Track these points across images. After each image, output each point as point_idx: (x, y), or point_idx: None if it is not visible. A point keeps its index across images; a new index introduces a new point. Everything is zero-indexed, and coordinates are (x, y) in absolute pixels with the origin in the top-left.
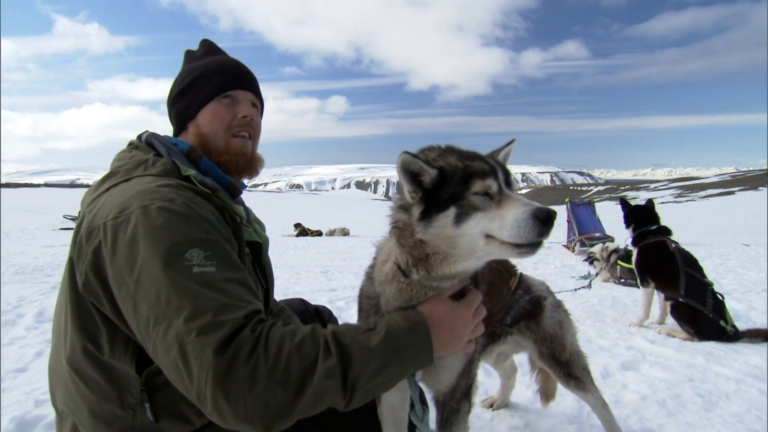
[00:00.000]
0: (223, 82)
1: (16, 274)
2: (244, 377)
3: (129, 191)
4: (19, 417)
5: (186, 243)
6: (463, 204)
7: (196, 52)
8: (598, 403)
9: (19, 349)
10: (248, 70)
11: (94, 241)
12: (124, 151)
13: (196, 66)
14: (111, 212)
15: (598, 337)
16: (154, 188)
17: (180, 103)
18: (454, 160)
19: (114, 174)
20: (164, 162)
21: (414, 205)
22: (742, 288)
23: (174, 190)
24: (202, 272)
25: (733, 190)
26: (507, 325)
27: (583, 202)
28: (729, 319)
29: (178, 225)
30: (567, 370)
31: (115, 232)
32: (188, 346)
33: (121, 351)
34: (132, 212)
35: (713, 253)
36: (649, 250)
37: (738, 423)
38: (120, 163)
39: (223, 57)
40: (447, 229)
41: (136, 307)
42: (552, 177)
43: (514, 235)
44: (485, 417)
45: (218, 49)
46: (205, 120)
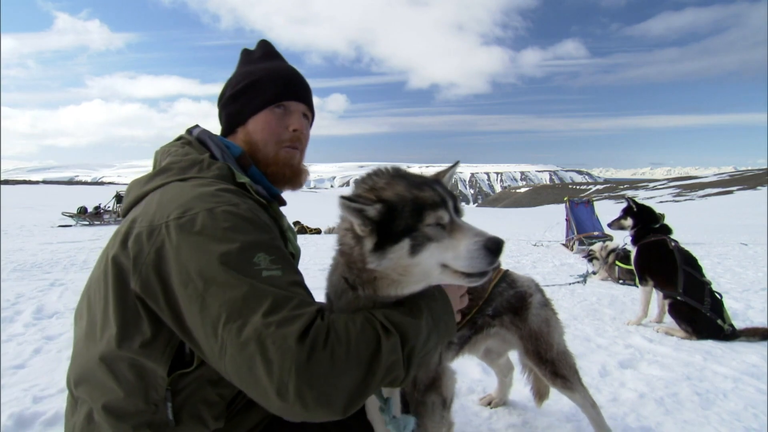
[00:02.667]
0: (278, 92)
1: (14, 271)
2: (324, 362)
3: (189, 192)
4: (17, 413)
5: (254, 247)
6: (417, 236)
7: (254, 53)
8: (587, 403)
9: (17, 346)
10: (303, 79)
11: (157, 240)
12: (175, 146)
13: (252, 70)
14: (173, 212)
15: (596, 336)
16: (216, 192)
17: (232, 105)
18: (402, 190)
19: (167, 170)
20: (220, 166)
21: (365, 238)
22: (740, 287)
23: (236, 196)
24: (270, 275)
25: (732, 189)
26: (489, 316)
27: (581, 201)
28: (727, 318)
29: (245, 228)
30: (553, 368)
31: (180, 232)
32: (268, 339)
33: (159, 352)
34: (197, 213)
35: (711, 252)
36: (648, 248)
37: (735, 421)
38: (173, 159)
39: (280, 63)
40: (402, 260)
41: (203, 306)
42: (551, 176)
43: (467, 266)
44: (483, 415)
45: (276, 52)
46: (257, 128)
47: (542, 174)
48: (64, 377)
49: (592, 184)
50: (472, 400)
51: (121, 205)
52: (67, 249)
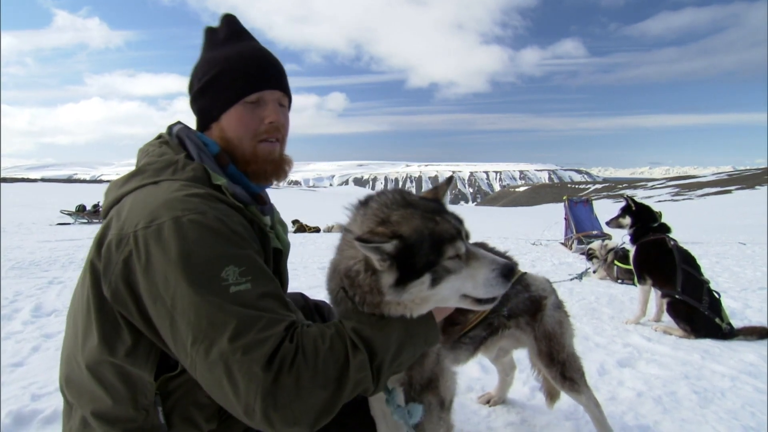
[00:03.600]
0: (249, 82)
1: (12, 269)
2: (290, 386)
3: (158, 197)
4: (15, 411)
5: (221, 260)
6: (437, 269)
7: (218, 33)
8: (591, 404)
9: (16, 343)
10: (276, 62)
11: (124, 250)
12: (153, 145)
13: (217, 57)
14: (141, 221)
15: (594, 334)
16: (185, 197)
17: (201, 100)
18: (419, 224)
19: (142, 172)
20: (195, 167)
21: (384, 272)
22: (738, 286)
23: (205, 201)
24: (239, 291)
25: (730, 188)
26: (504, 317)
27: (580, 200)
28: (725, 317)
29: (212, 241)
30: (562, 370)
31: (147, 243)
32: (234, 365)
33: (143, 359)
34: (163, 223)
35: (710, 252)
36: (647, 247)
37: (733, 420)
38: (148, 159)
39: (248, 46)
40: (422, 293)
41: (173, 324)
42: (550, 175)
43: (485, 293)
44: (482, 413)
45: (242, 30)
46: (230, 124)
47: (541, 173)
48: None
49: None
50: (470, 399)
51: None
52: (66, 247)
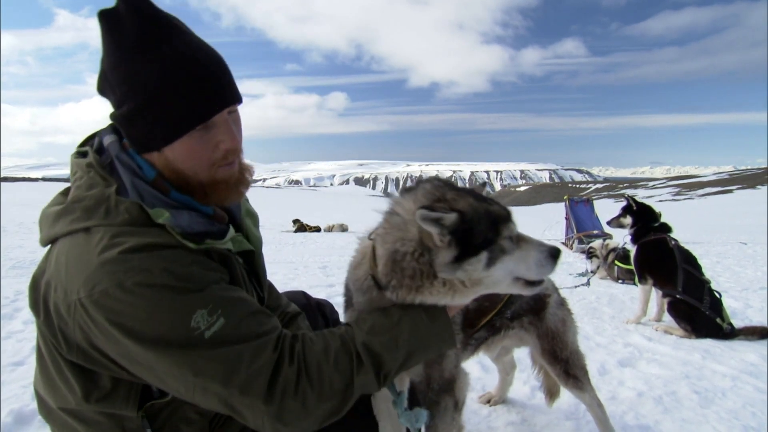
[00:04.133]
0: (198, 107)
1: (13, 268)
2: (297, 408)
3: (92, 257)
4: (16, 410)
5: (185, 312)
6: (494, 248)
7: (128, 28)
8: (594, 403)
9: (17, 342)
10: (223, 64)
11: (76, 318)
12: (80, 168)
13: (148, 72)
14: (81, 288)
15: (595, 334)
16: (122, 256)
17: (131, 128)
18: (474, 202)
19: (71, 211)
20: (129, 207)
21: (441, 249)
22: (739, 286)
23: (146, 255)
24: (214, 332)
25: (731, 188)
26: (507, 319)
27: (581, 200)
28: (726, 317)
29: (168, 298)
30: (566, 367)
31: (98, 313)
32: (235, 404)
33: (122, 400)
34: (106, 290)
35: (711, 251)
36: (648, 246)
37: (733, 419)
38: (78, 193)
39: (187, 50)
40: (476, 273)
41: (160, 379)
42: (551, 174)
43: (538, 274)
44: (482, 413)
45: (164, 18)
46: (177, 157)
47: (542, 173)
48: None
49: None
50: (470, 398)
51: None
52: None
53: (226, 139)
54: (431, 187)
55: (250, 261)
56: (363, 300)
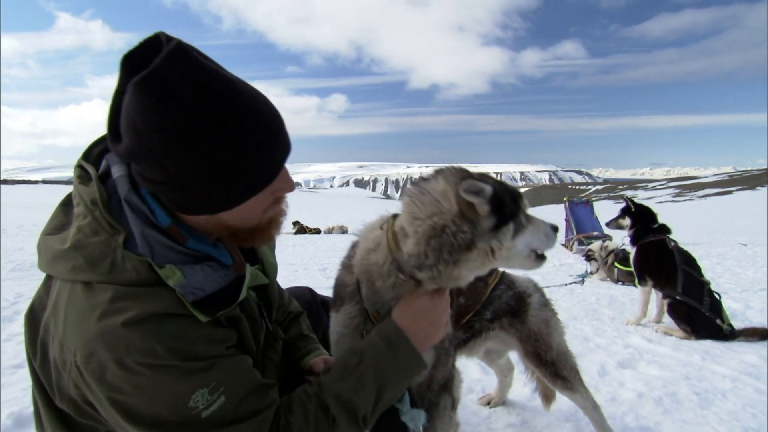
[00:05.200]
0: (268, 169)
1: (13, 271)
2: None
3: (92, 324)
4: (16, 413)
5: (185, 393)
6: (517, 221)
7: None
8: (588, 404)
9: (17, 345)
10: (278, 114)
11: (71, 374)
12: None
13: (208, 138)
14: (78, 350)
15: (595, 336)
16: (124, 331)
17: (182, 193)
18: (495, 181)
19: (71, 258)
20: (136, 265)
21: (483, 218)
22: (739, 287)
23: (151, 330)
24: (212, 412)
25: (731, 189)
26: (487, 320)
27: (581, 201)
28: (725, 318)
29: (171, 381)
30: (553, 369)
31: (94, 381)
32: None
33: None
34: (105, 363)
35: (711, 253)
36: (648, 248)
37: (733, 421)
38: (80, 237)
39: (249, 108)
40: (507, 241)
41: None
42: (551, 176)
43: (546, 246)
44: (482, 414)
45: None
46: (234, 216)
47: (542, 174)
48: None
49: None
50: (471, 400)
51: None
52: None
53: (285, 186)
54: (454, 170)
55: (262, 295)
56: (386, 284)
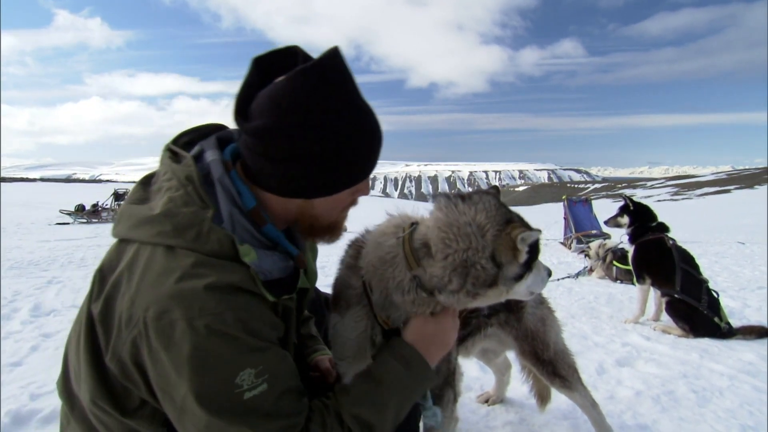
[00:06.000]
0: (369, 165)
1: (11, 269)
2: None
3: (171, 283)
4: (14, 411)
5: (236, 366)
6: (531, 267)
7: (316, 93)
8: (587, 403)
9: (15, 343)
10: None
11: (133, 331)
12: (177, 178)
13: (335, 135)
14: (150, 307)
15: (593, 334)
16: (201, 293)
17: (297, 169)
18: (528, 226)
19: (160, 222)
20: (221, 238)
21: (513, 265)
22: (736, 285)
23: (224, 298)
24: (254, 396)
25: (729, 188)
26: (485, 316)
27: (580, 200)
28: (723, 316)
29: (228, 349)
30: (551, 368)
31: (156, 337)
32: None
33: (147, 420)
34: (175, 321)
35: (709, 251)
36: (646, 246)
37: (731, 418)
38: (170, 206)
39: (368, 118)
40: (520, 287)
41: (181, 421)
42: (549, 174)
43: (541, 289)
44: (481, 412)
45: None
46: (323, 204)
47: (540, 173)
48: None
49: (591, 182)
50: (469, 398)
51: (118, 203)
52: (65, 247)
53: (364, 189)
54: (496, 205)
55: (300, 297)
56: (404, 299)
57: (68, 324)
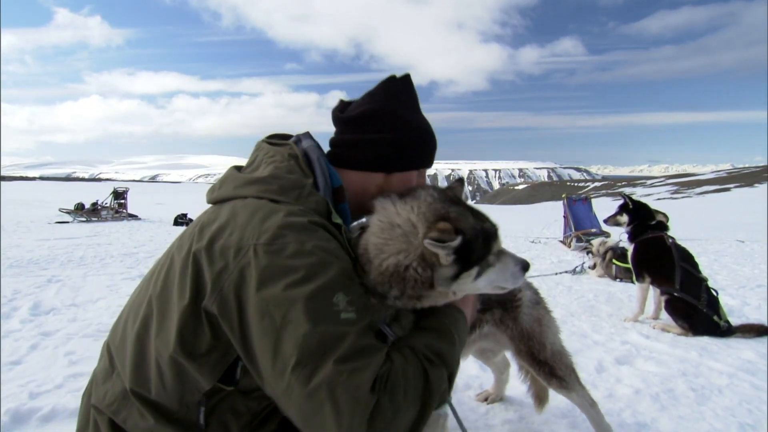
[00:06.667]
0: (429, 158)
1: (11, 267)
2: (388, 409)
3: (281, 218)
4: (13, 409)
5: (335, 286)
6: (483, 264)
7: (405, 97)
8: (585, 402)
9: (14, 342)
10: None
11: (242, 260)
12: (281, 154)
13: (410, 121)
14: (263, 235)
15: (593, 332)
16: (308, 224)
17: (389, 149)
18: (473, 222)
19: (266, 182)
20: (319, 200)
21: (444, 267)
22: (736, 284)
23: (326, 234)
24: (347, 318)
25: (729, 186)
26: (478, 311)
27: (579, 198)
28: (723, 315)
29: (330, 267)
30: (548, 369)
31: (269, 257)
32: (339, 388)
33: (208, 367)
34: (288, 244)
35: (708, 249)
36: (645, 245)
37: (730, 417)
38: (275, 172)
39: (427, 122)
40: (467, 285)
41: (278, 343)
42: (549, 173)
43: (512, 284)
44: (480, 411)
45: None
46: (397, 183)
47: (540, 171)
48: (61, 373)
49: (590, 181)
50: (468, 396)
51: (117, 201)
52: (65, 245)
53: (423, 177)
54: (432, 200)
55: None
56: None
57: (68, 323)
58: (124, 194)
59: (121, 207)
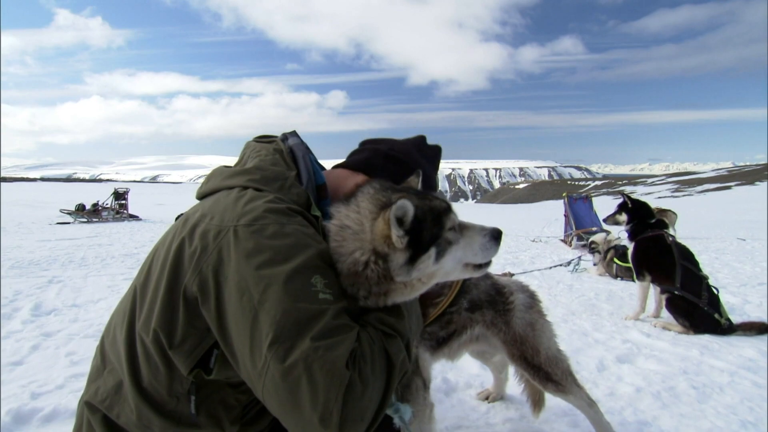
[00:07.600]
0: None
1: (12, 269)
2: (358, 384)
3: (262, 205)
4: (15, 410)
5: (313, 268)
6: (441, 242)
7: (426, 149)
8: (583, 404)
9: (15, 342)
10: None
11: (222, 241)
12: (266, 149)
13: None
14: (243, 217)
15: (594, 331)
16: (288, 210)
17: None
18: (418, 201)
19: (250, 173)
20: (300, 192)
21: (398, 252)
22: (737, 282)
23: (303, 221)
24: (324, 299)
25: (730, 184)
26: (466, 310)
27: (580, 197)
28: (724, 313)
29: (309, 248)
30: (543, 374)
31: (248, 237)
32: (316, 363)
33: (184, 354)
34: (267, 225)
35: (709, 248)
36: (646, 243)
37: (731, 414)
38: (259, 164)
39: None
40: (428, 269)
41: (254, 321)
42: (550, 172)
43: (484, 257)
44: (481, 409)
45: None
46: None
47: (541, 170)
48: (62, 374)
49: (591, 180)
50: (469, 395)
51: (118, 202)
52: (66, 246)
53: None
54: (372, 194)
55: None
56: None
57: (69, 323)
58: (125, 195)
59: (122, 208)
